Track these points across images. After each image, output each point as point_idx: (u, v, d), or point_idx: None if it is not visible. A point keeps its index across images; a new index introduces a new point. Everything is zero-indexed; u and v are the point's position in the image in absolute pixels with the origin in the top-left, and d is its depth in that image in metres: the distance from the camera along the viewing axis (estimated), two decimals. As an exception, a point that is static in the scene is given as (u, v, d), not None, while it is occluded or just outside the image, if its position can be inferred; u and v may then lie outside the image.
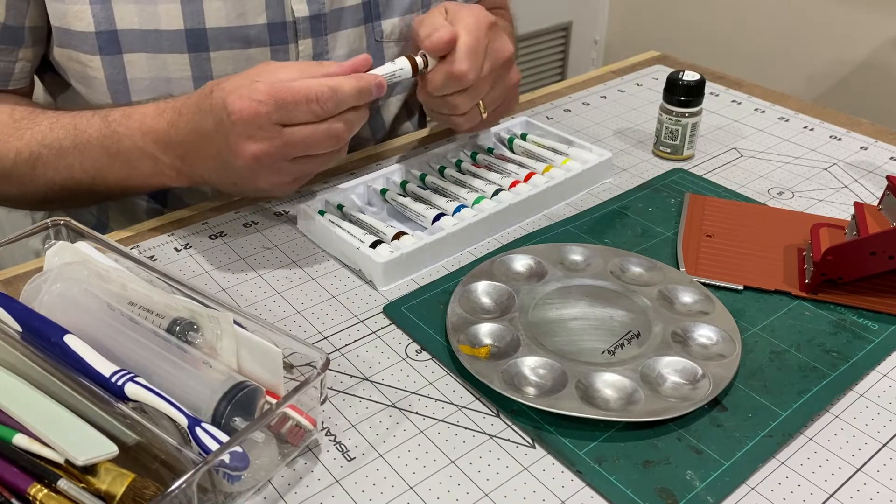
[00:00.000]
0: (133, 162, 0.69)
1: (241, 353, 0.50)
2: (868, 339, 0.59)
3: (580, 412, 0.51)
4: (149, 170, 0.69)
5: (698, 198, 0.76)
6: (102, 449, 0.43)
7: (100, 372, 0.47)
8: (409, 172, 0.77)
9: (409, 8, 0.85)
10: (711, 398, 0.53)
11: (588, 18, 2.46)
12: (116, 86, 0.75)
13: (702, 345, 0.58)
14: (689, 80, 0.80)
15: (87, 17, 0.72)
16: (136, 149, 0.68)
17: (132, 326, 0.50)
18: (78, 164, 0.71)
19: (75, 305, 0.52)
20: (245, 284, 0.65)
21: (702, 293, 0.62)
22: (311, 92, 0.59)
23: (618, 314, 0.61)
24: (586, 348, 0.57)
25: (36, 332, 0.49)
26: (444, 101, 0.71)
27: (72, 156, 0.70)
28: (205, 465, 0.42)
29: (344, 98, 0.61)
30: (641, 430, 0.52)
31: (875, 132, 0.90)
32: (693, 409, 0.52)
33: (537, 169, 0.77)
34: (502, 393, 0.53)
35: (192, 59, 0.75)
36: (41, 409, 0.46)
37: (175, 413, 0.45)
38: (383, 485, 0.48)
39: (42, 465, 0.43)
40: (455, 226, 0.68)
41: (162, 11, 0.72)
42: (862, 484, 0.49)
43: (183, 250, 0.70)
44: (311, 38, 0.80)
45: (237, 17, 0.75)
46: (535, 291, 0.63)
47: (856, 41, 1.94)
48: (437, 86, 0.69)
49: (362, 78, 0.63)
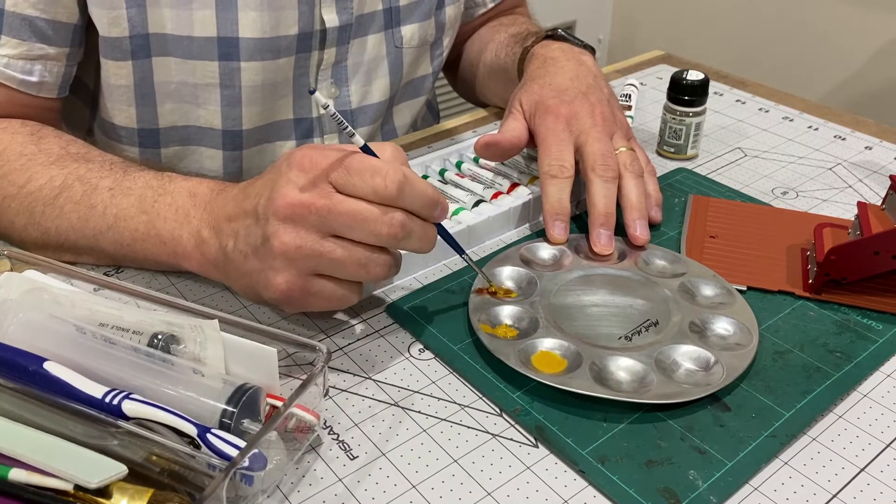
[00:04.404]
0: (162, 215, 0.60)
1: (229, 358, 0.49)
2: (872, 339, 0.59)
3: (591, 391, 0.52)
4: (172, 226, 0.59)
5: (701, 199, 0.76)
6: (112, 469, 0.42)
7: (90, 394, 0.45)
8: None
9: (428, 13, 0.85)
10: (724, 385, 0.53)
11: (592, 17, 2.46)
12: (143, 90, 0.75)
13: (719, 335, 0.58)
14: (693, 79, 0.80)
15: (122, 22, 0.71)
16: (173, 204, 0.60)
17: (109, 346, 0.49)
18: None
19: (45, 332, 0.50)
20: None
21: (723, 287, 0.63)
22: (381, 167, 0.51)
23: (637, 303, 0.61)
24: (603, 333, 0.58)
25: (9, 363, 0.47)
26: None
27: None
28: (233, 466, 0.41)
29: (413, 189, 0.51)
30: (645, 425, 0.52)
31: (879, 132, 0.89)
32: (704, 396, 0.53)
33: (522, 180, 0.75)
34: (516, 369, 0.54)
35: (222, 67, 0.75)
36: (32, 441, 0.44)
37: (182, 423, 0.44)
38: (386, 483, 0.48)
39: (50, 495, 0.42)
40: (459, 225, 0.68)
41: (197, 18, 0.72)
42: (865, 484, 0.49)
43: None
44: (335, 46, 0.80)
45: (271, 29, 0.74)
46: (558, 278, 0.64)
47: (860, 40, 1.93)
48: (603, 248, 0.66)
49: (435, 188, 0.54)
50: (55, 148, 0.67)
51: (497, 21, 0.98)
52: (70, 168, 0.64)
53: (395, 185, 0.50)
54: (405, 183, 0.50)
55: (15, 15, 0.67)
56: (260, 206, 0.53)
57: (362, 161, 0.51)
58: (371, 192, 0.50)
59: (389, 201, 0.51)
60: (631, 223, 0.67)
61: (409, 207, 0.52)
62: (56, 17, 0.69)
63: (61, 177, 0.64)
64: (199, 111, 0.78)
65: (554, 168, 0.68)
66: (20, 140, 0.67)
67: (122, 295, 0.57)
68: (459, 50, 1.00)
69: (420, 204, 0.52)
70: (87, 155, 0.66)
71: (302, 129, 0.84)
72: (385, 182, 0.50)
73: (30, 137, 0.68)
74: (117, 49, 0.72)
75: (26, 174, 0.65)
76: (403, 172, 0.51)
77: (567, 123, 0.70)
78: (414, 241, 0.53)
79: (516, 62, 0.84)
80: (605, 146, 0.69)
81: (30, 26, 0.68)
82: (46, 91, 0.71)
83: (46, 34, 0.69)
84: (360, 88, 0.84)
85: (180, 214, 0.59)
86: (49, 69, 0.71)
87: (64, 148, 0.67)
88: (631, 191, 0.68)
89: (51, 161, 0.65)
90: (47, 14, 0.68)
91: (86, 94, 0.81)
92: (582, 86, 0.74)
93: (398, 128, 0.92)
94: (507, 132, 0.72)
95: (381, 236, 0.51)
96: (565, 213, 0.67)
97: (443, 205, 0.54)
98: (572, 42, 0.81)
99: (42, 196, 0.64)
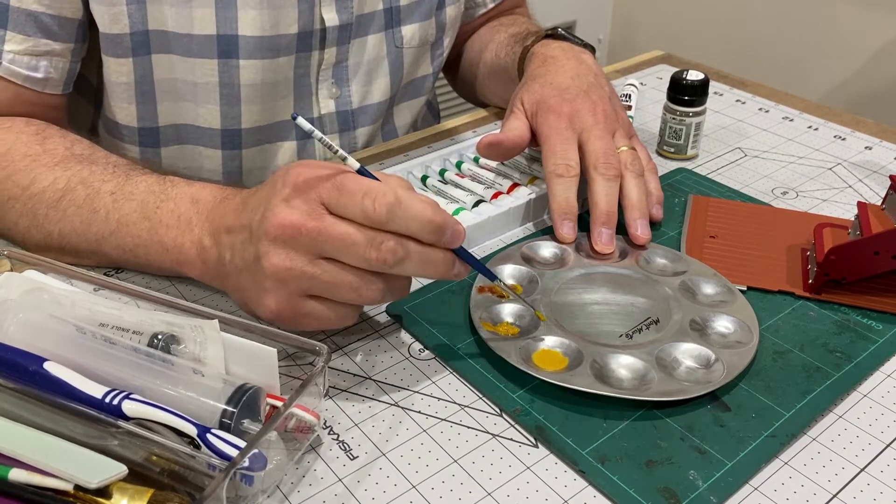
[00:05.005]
0: (164, 222, 0.60)
1: (229, 358, 0.49)
2: (872, 339, 0.59)
3: (592, 389, 0.52)
4: (174, 233, 0.59)
5: (701, 199, 0.76)
6: (112, 469, 0.42)
7: (90, 395, 0.45)
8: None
9: (429, 13, 0.85)
10: (725, 382, 0.53)
11: (592, 17, 2.46)
12: (143, 87, 0.75)
13: (720, 334, 0.58)
14: (693, 79, 0.80)
15: (123, 18, 0.71)
16: (175, 211, 0.60)
17: (109, 346, 0.49)
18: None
19: (45, 332, 0.50)
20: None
21: (724, 286, 0.63)
22: (373, 188, 0.49)
23: (638, 301, 0.61)
24: (604, 331, 0.58)
25: (9, 364, 0.47)
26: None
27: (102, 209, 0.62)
28: (233, 466, 0.41)
29: (407, 212, 0.49)
30: (645, 425, 0.52)
31: (879, 132, 0.89)
32: (704, 393, 0.53)
33: (522, 181, 0.75)
34: (518, 367, 0.54)
35: (221, 65, 0.75)
36: (32, 441, 0.44)
37: (182, 423, 0.44)
38: (386, 483, 0.48)
39: (50, 495, 0.42)
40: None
41: (197, 16, 0.72)
42: (865, 484, 0.49)
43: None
44: (336, 46, 0.80)
45: (271, 28, 0.74)
46: (560, 276, 0.64)
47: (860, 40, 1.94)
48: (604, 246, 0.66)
49: (442, 212, 0.51)
50: (60, 149, 0.67)
51: (497, 21, 0.98)
52: (74, 170, 0.64)
53: (385, 208, 0.48)
54: (396, 205, 0.48)
55: (20, 10, 0.67)
56: (254, 223, 0.52)
57: (355, 182, 0.50)
58: (360, 215, 0.49)
59: (379, 224, 0.49)
60: (632, 222, 0.67)
61: (402, 231, 0.49)
62: (61, 12, 0.69)
63: (65, 179, 0.64)
64: (197, 109, 0.78)
65: (560, 167, 0.68)
66: (25, 140, 0.67)
67: (122, 295, 0.57)
68: (460, 50, 1.00)
69: (416, 227, 0.49)
70: (92, 157, 0.66)
71: (302, 130, 0.84)
72: (374, 205, 0.48)
73: (34, 137, 0.68)
74: (118, 46, 0.72)
75: (30, 175, 0.65)
76: (396, 194, 0.49)
77: (569, 121, 0.70)
78: (411, 266, 0.50)
79: (516, 61, 0.84)
80: (607, 144, 0.69)
81: (35, 22, 0.68)
82: (51, 87, 0.71)
83: (52, 30, 0.69)
84: (360, 88, 0.84)
85: (182, 222, 0.58)
86: (54, 65, 0.71)
87: (69, 149, 0.67)
88: (632, 190, 0.68)
89: (55, 162, 0.65)
90: (52, 9, 0.68)
91: (89, 92, 0.81)
92: (583, 84, 0.74)
93: (398, 128, 0.92)
94: (510, 131, 0.72)
95: (371, 261, 0.49)
96: (573, 212, 0.67)
97: (453, 230, 0.51)
98: (572, 41, 0.81)
99: (45, 199, 0.64)
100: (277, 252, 0.50)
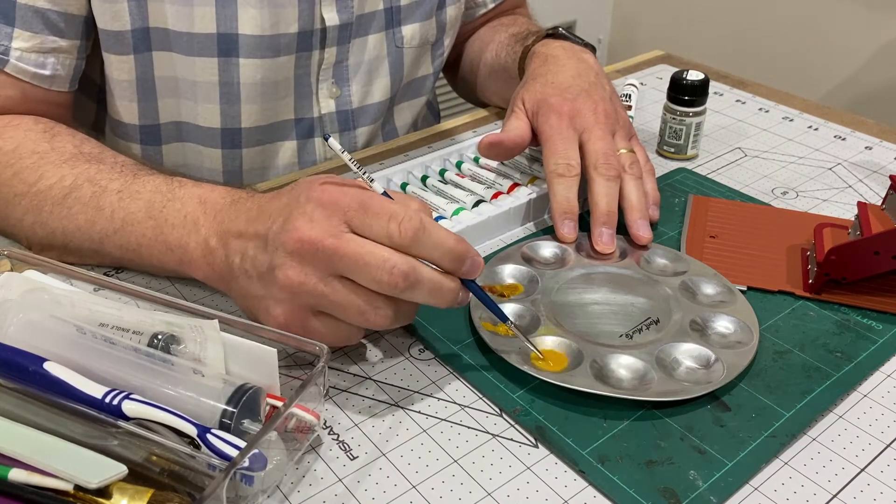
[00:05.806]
0: (170, 221, 0.59)
1: (229, 358, 0.49)
2: (872, 339, 0.59)
3: (592, 388, 0.52)
4: (179, 233, 0.59)
5: (701, 199, 0.76)
6: (112, 469, 0.42)
7: (90, 395, 0.45)
8: (391, 182, 0.76)
9: (429, 13, 0.85)
10: (725, 382, 0.53)
11: (592, 17, 2.46)
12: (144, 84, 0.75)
13: (720, 334, 0.58)
14: (693, 79, 0.80)
15: (124, 15, 0.71)
16: (182, 211, 0.59)
17: (109, 346, 0.49)
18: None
19: (45, 332, 0.50)
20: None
21: (724, 286, 0.63)
22: (399, 212, 0.50)
23: (638, 301, 0.61)
24: (604, 331, 0.58)
25: (9, 363, 0.47)
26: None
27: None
28: (233, 466, 0.41)
29: (431, 238, 0.50)
30: (645, 425, 0.52)
31: (880, 132, 0.89)
32: (704, 393, 0.53)
33: (522, 181, 0.75)
34: (518, 367, 0.54)
35: (221, 63, 0.75)
36: (32, 441, 0.44)
37: (182, 423, 0.44)
38: (386, 483, 0.48)
39: (50, 495, 0.42)
40: (459, 225, 0.68)
41: (197, 14, 0.72)
42: (865, 484, 0.49)
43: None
44: (336, 45, 0.80)
45: (271, 27, 0.75)
46: (560, 276, 0.64)
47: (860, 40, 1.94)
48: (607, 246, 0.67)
49: (464, 242, 0.52)
50: (68, 147, 0.67)
51: (497, 21, 0.98)
52: (81, 168, 0.64)
53: (411, 233, 0.49)
54: (421, 231, 0.49)
55: (27, 7, 0.67)
56: (271, 233, 0.52)
57: (382, 204, 0.50)
58: (385, 237, 0.49)
59: (403, 248, 0.49)
60: (633, 223, 0.67)
61: (425, 256, 0.50)
62: (67, 9, 0.69)
63: (71, 177, 0.64)
64: (197, 108, 0.78)
65: (561, 167, 0.68)
66: (33, 137, 0.67)
67: (122, 295, 0.57)
68: (460, 50, 1.00)
69: (439, 254, 0.50)
70: (100, 156, 0.66)
71: (302, 129, 0.84)
72: (400, 228, 0.49)
73: (43, 135, 0.68)
74: (119, 43, 0.72)
75: (37, 172, 0.65)
76: (422, 220, 0.50)
77: (570, 121, 0.70)
78: (422, 293, 0.50)
79: (517, 61, 0.84)
80: (608, 144, 0.69)
81: (42, 19, 0.68)
82: (59, 84, 0.71)
83: (58, 26, 0.69)
84: (360, 88, 0.84)
85: (188, 222, 0.58)
86: (61, 62, 0.71)
87: (77, 147, 0.67)
88: (631, 192, 0.68)
89: (63, 160, 0.65)
90: (58, 6, 0.68)
91: (92, 90, 0.81)
92: (584, 83, 0.74)
93: (399, 128, 0.92)
94: (511, 131, 0.72)
95: (382, 283, 0.49)
96: (574, 212, 0.67)
97: (473, 260, 0.52)
98: (573, 40, 0.81)
99: (51, 196, 0.64)
100: (293, 265, 0.50)
